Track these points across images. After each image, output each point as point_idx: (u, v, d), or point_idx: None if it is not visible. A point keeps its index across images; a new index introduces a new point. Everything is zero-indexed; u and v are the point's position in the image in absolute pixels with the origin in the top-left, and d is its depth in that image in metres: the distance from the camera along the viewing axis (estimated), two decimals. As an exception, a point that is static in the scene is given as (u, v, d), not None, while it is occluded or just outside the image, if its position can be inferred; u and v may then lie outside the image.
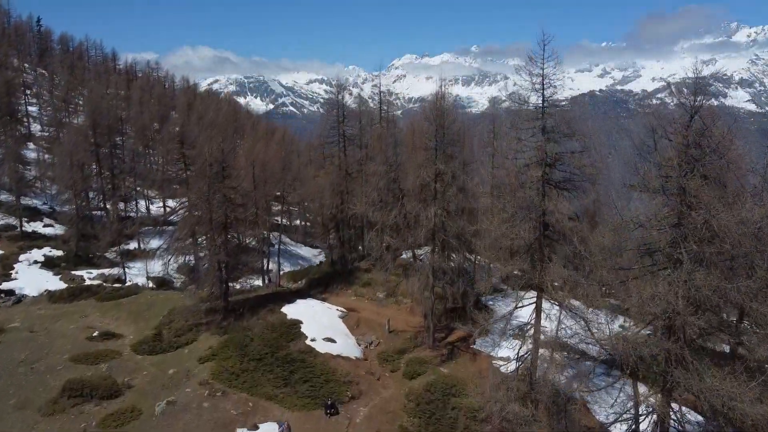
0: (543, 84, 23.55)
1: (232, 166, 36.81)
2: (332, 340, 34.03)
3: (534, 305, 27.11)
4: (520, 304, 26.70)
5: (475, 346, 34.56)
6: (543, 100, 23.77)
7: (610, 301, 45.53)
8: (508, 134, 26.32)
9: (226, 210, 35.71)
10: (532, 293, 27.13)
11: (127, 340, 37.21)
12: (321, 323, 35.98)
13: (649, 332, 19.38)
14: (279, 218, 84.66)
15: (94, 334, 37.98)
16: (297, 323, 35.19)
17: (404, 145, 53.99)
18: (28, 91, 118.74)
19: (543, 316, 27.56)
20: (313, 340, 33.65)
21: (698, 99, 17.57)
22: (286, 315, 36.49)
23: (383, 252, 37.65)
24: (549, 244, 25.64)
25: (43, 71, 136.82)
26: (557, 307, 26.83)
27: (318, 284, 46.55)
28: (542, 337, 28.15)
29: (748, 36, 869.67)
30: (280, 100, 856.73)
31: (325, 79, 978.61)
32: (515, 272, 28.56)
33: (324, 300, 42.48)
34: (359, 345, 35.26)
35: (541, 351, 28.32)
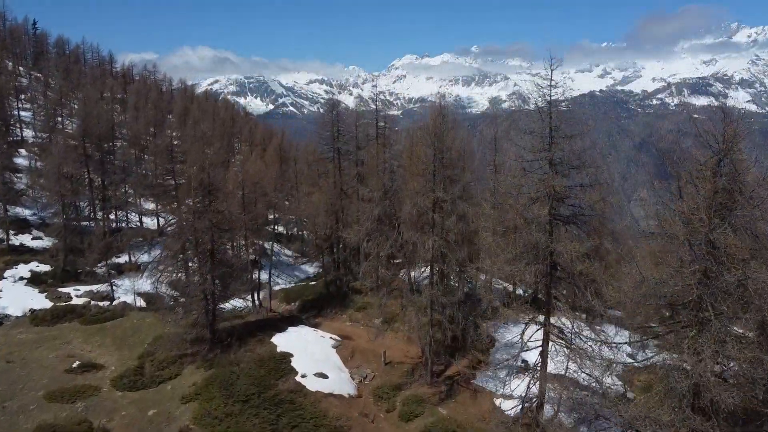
0: (550, 112, 21.56)
1: (219, 188, 34.76)
2: (324, 376, 31.99)
3: (540, 347, 25.20)
4: (525, 347, 24.72)
5: (475, 382, 32.55)
6: (550, 130, 21.78)
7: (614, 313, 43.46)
8: (512, 167, 24.29)
9: (213, 235, 33.71)
10: (539, 334, 25.21)
11: (108, 371, 35.19)
12: (313, 355, 33.97)
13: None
14: (273, 227, 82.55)
15: (74, 365, 35.94)
16: (287, 356, 33.14)
17: (401, 158, 52.02)
18: (22, 96, 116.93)
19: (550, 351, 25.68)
20: (303, 376, 31.62)
21: (727, 140, 15.57)
22: (276, 346, 34.45)
23: (378, 284, 35.61)
24: (557, 284, 23.70)
25: (39, 75, 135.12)
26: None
27: (312, 307, 44.59)
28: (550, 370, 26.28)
29: (749, 36, 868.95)
30: (281, 101, 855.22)
31: (326, 79, 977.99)
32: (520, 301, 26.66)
33: (317, 326, 40.51)
34: (353, 379, 33.24)
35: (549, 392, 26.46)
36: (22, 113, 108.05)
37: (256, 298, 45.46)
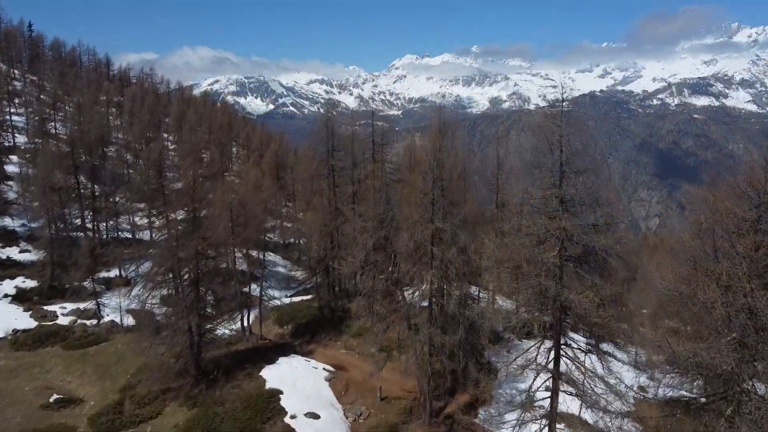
0: (561, 145, 19.42)
1: (206, 213, 32.66)
2: (316, 416, 29.86)
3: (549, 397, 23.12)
4: (534, 398, 22.66)
5: (478, 422, 30.46)
6: (561, 164, 19.64)
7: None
8: (521, 203, 22.13)
9: (198, 263, 31.60)
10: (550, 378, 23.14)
11: (86, 407, 33.14)
12: (304, 391, 31.84)
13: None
14: (265, 236, 79.98)
15: (51, 399, 33.83)
16: (276, 394, 30.99)
17: (399, 171, 49.76)
18: (16, 100, 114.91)
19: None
20: (293, 417, 29.48)
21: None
22: (265, 381, 32.31)
23: (373, 320, 33.47)
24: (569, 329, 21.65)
25: (34, 78, 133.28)
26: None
27: (305, 331, 42.43)
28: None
29: (749, 36, 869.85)
30: (281, 101, 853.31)
31: (326, 79, 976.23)
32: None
33: (310, 353, 38.40)
34: (347, 418, 31.10)
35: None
36: (16, 118, 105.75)
37: (246, 320, 43.25)
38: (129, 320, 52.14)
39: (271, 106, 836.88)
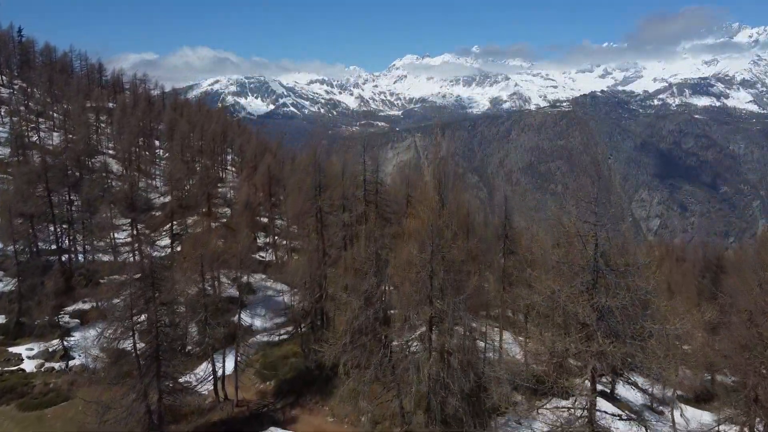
0: (596, 240, 14.85)
1: (166, 278, 28.12)
2: None
3: None
4: None
5: None
6: (595, 262, 15.09)
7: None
8: (546, 309, 17.49)
9: (157, 336, 27.06)
10: None
11: (31, 498, 28.78)
12: (282, 484, 27.39)
13: None
14: (261, 254, 75.60)
15: (-8, 487, 29.57)
16: (248, 492, 26.59)
17: (395, 203, 45.27)
18: (2, 110, 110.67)
19: None
20: None
21: None
22: (236, 472, 27.90)
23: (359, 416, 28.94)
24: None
25: (23, 85, 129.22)
26: None
27: (289, 390, 37.72)
28: None
29: (750, 36, 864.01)
30: (281, 101, 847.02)
31: (326, 79, 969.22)
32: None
33: (293, 422, 33.83)
34: None
35: None
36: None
37: (222, 373, 38.29)
38: (102, 362, 47.73)
39: (272, 107, 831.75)
